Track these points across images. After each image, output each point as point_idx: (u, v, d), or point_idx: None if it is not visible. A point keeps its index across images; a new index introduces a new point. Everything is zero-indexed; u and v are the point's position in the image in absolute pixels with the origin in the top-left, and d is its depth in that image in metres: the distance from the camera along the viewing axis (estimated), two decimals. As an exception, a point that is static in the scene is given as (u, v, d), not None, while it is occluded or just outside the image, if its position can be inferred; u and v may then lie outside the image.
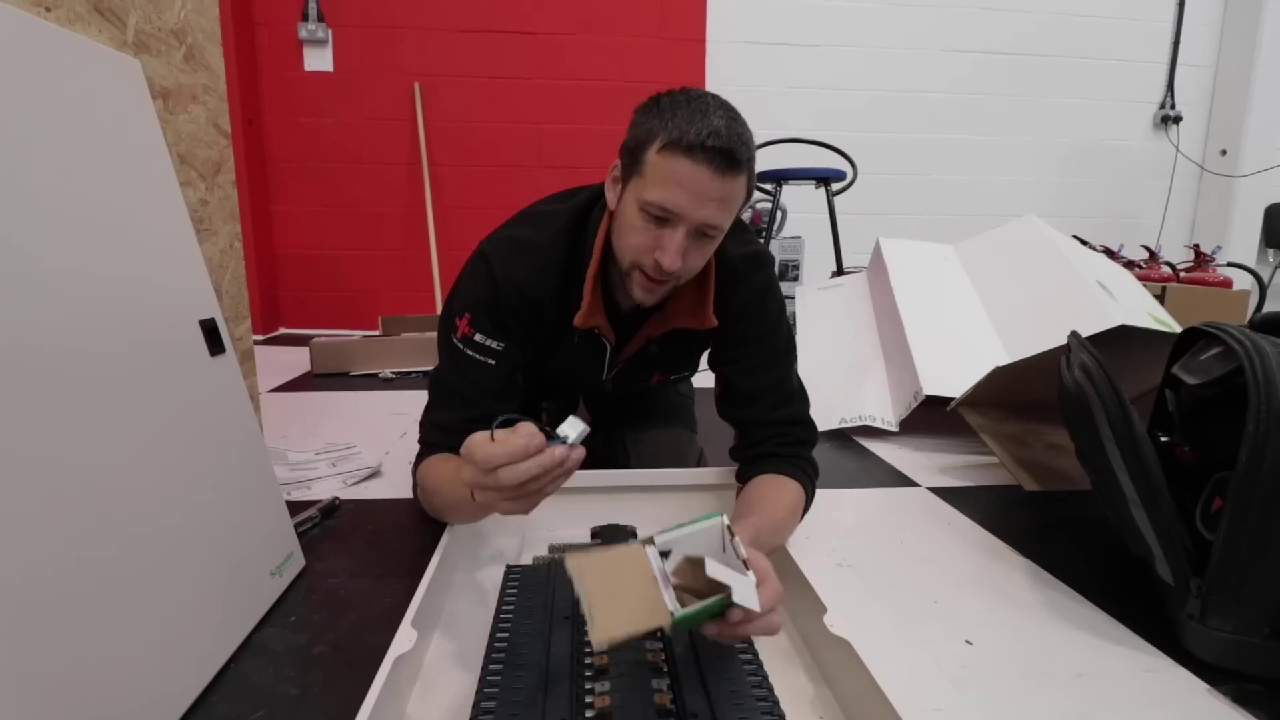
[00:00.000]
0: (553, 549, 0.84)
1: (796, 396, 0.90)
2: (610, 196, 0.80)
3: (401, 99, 2.74)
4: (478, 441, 0.55)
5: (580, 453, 0.56)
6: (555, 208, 0.88)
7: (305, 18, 2.62)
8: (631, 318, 0.88)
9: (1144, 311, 1.43)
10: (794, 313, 2.08)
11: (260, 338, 2.68)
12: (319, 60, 2.68)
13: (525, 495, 0.56)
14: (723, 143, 0.68)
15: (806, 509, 0.87)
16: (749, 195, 0.77)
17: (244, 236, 2.52)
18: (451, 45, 2.72)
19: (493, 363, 0.82)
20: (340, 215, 2.82)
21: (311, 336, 2.30)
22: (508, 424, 0.55)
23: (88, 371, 0.55)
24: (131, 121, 0.70)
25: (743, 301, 0.86)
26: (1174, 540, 0.69)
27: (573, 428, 0.56)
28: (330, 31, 2.66)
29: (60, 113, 0.59)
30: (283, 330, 2.87)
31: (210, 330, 0.75)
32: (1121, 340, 1.17)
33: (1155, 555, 0.71)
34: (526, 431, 0.54)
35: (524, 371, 0.87)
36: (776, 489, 0.82)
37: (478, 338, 0.82)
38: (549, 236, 0.84)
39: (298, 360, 2.16)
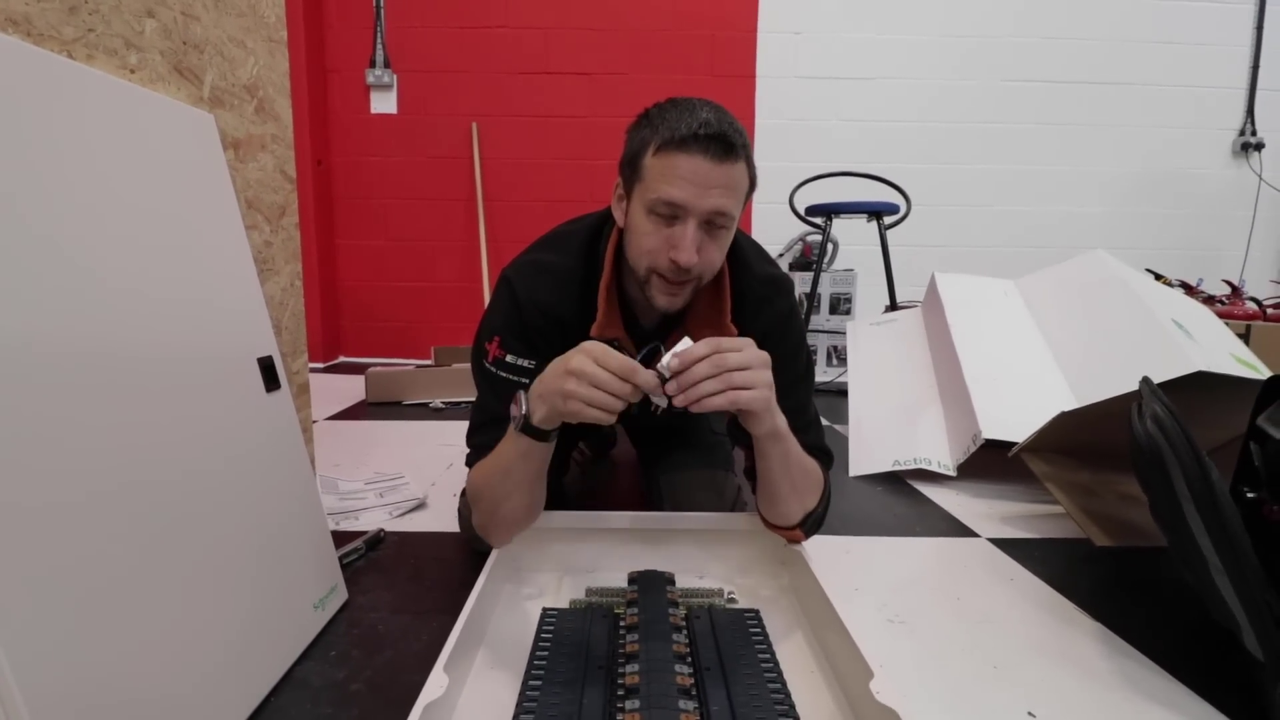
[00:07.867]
0: (590, 593, 0.83)
1: (815, 424, 0.88)
2: (617, 214, 0.82)
3: (460, 138, 2.85)
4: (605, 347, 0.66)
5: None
6: (572, 228, 0.90)
7: (373, 64, 2.78)
8: (653, 333, 0.88)
9: (1226, 352, 1.33)
10: (845, 347, 2.03)
11: (321, 365, 2.79)
12: (384, 103, 2.82)
13: (591, 395, 0.64)
14: (714, 130, 0.71)
15: (825, 500, 0.84)
16: (752, 183, 0.78)
17: (309, 270, 2.67)
18: (508, 87, 2.83)
19: (527, 381, 0.82)
20: (399, 249, 2.93)
21: (369, 365, 2.38)
22: None
23: (150, 403, 0.58)
24: (203, 171, 0.75)
25: (765, 326, 0.85)
26: (1262, 611, 0.63)
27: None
28: (395, 77, 2.80)
29: (137, 166, 0.64)
30: (342, 359, 2.98)
31: (267, 367, 0.78)
32: (1201, 383, 1.09)
33: (1241, 626, 0.65)
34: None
35: None
36: None
37: (509, 359, 0.84)
38: (568, 255, 0.87)
39: (354, 388, 2.24)
